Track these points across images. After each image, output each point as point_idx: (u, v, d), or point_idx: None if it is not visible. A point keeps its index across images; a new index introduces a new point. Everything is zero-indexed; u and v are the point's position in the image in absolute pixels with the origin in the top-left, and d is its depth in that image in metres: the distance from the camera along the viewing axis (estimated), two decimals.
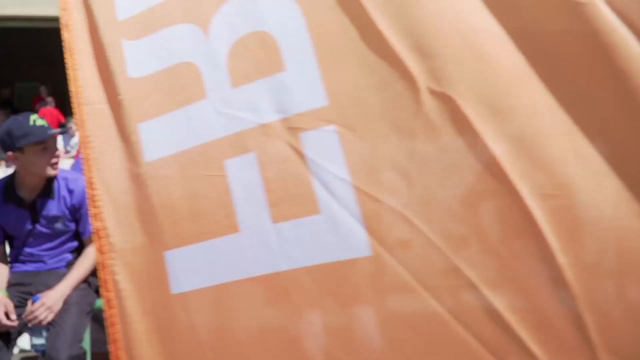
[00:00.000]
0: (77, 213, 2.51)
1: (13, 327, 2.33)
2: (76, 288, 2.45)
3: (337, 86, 1.31)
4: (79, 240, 2.59)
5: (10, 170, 8.41)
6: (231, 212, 1.36)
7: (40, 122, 2.38)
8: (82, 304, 2.45)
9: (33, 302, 2.35)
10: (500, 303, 1.14)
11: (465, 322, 1.16)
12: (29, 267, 2.53)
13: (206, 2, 1.47)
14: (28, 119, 2.37)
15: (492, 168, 1.17)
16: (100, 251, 1.45)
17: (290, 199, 1.32)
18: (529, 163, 1.15)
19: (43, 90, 12.97)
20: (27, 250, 2.52)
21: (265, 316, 1.33)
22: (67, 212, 2.49)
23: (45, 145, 2.39)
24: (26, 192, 2.47)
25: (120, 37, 1.53)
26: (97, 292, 2.62)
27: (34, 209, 2.46)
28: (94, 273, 2.57)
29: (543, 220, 1.12)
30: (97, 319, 2.68)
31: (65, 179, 2.50)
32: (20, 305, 2.40)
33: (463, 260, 1.17)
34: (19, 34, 14.53)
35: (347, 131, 1.29)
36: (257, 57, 1.40)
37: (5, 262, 2.54)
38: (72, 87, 1.54)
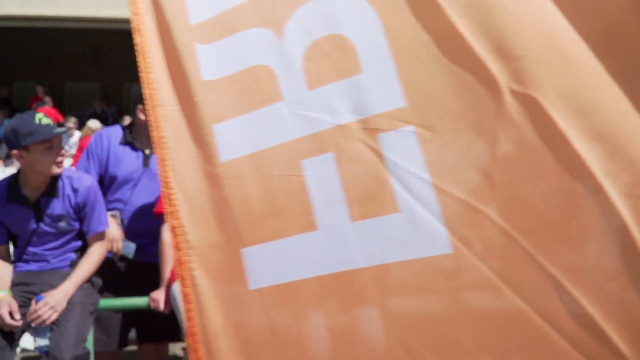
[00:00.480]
0: (81, 212, 2.51)
1: (17, 326, 2.33)
2: (80, 288, 2.46)
3: (415, 88, 1.34)
4: (83, 240, 2.59)
5: (9, 170, 8.40)
6: (309, 211, 1.39)
7: (45, 120, 2.39)
8: (85, 303, 2.46)
9: (37, 302, 2.35)
10: (585, 300, 1.16)
11: (549, 319, 1.18)
12: (33, 266, 2.52)
13: (280, 6, 1.51)
14: (33, 117, 2.37)
15: (578, 167, 1.19)
16: (178, 248, 1.49)
17: (369, 198, 1.35)
18: (615, 163, 1.17)
19: (40, 89, 12.95)
20: (31, 249, 2.51)
21: (341, 312, 1.36)
22: (71, 211, 2.49)
23: (51, 144, 2.39)
24: (30, 191, 2.46)
25: (193, 41, 1.57)
26: (100, 291, 2.63)
27: (38, 208, 2.46)
28: (97, 273, 2.58)
29: (629, 218, 1.14)
30: (99, 319, 2.69)
31: (70, 178, 2.50)
32: (23, 305, 2.40)
33: (547, 258, 1.20)
34: (18, 34, 14.51)
35: (426, 132, 1.31)
36: (333, 59, 1.43)
37: (9, 262, 2.54)
38: (146, 90, 1.57)
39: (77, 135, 9.91)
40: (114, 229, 2.74)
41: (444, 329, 1.27)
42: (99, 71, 17.55)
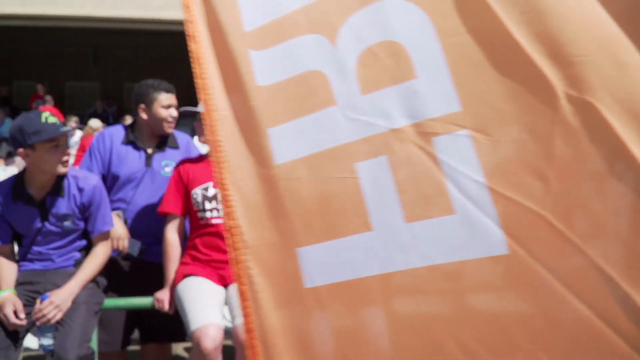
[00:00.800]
0: (87, 211, 2.50)
1: (22, 325, 2.33)
2: (84, 287, 2.45)
3: (470, 92, 1.37)
4: (87, 239, 2.59)
5: (10, 169, 8.37)
6: (364, 212, 1.43)
7: (52, 119, 2.38)
8: (90, 303, 2.45)
9: (42, 301, 2.34)
10: None
11: (608, 320, 1.20)
12: (37, 265, 2.50)
13: (333, 14, 1.54)
14: (40, 116, 2.36)
15: (636, 172, 1.21)
16: (234, 247, 1.54)
17: (424, 200, 1.39)
18: None
19: (40, 88, 12.95)
20: (36, 248, 2.49)
21: (397, 310, 1.40)
22: (76, 210, 2.48)
23: (57, 143, 2.38)
24: (36, 190, 2.45)
25: (247, 48, 1.62)
26: (104, 291, 2.63)
27: (44, 207, 2.44)
28: (101, 272, 2.58)
29: None
30: (103, 319, 2.69)
31: (75, 177, 2.49)
32: (28, 304, 2.38)
33: (603, 258, 1.21)
34: (18, 33, 14.50)
35: (481, 135, 1.35)
36: (386, 65, 1.47)
37: (14, 261, 2.53)
38: (201, 95, 1.62)
39: (78, 134, 9.90)
40: (119, 228, 2.72)
41: (498, 327, 1.30)
42: (99, 71, 17.56)
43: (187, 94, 2.92)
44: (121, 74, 17.22)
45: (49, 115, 2.38)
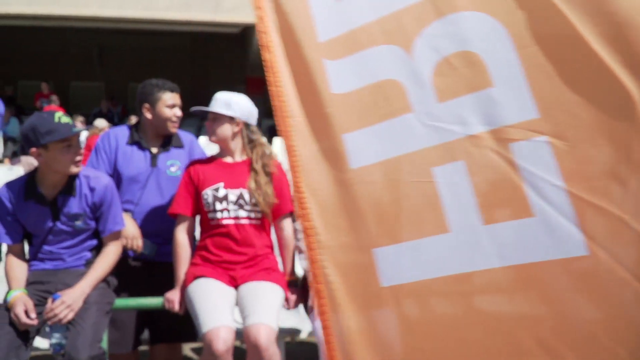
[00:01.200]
0: (98, 211, 2.49)
1: (33, 325, 2.32)
2: (95, 287, 2.45)
3: (547, 100, 1.43)
4: (98, 239, 2.59)
5: (16, 168, 8.38)
6: (440, 215, 1.50)
7: (65, 119, 2.37)
8: (101, 303, 2.44)
9: (53, 301, 2.34)
10: None
11: None
12: (48, 265, 2.49)
13: (408, 25, 1.60)
14: (53, 116, 2.35)
15: None
16: (310, 247, 1.62)
17: (501, 203, 1.46)
18: None
19: (44, 86, 12.97)
20: (47, 248, 2.48)
21: (476, 307, 1.47)
22: (87, 210, 2.47)
23: (69, 143, 2.37)
24: (47, 189, 2.44)
25: (322, 57, 1.69)
26: (115, 291, 2.63)
27: (55, 206, 2.43)
28: (112, 272, 2.58)
29: None
30: (113, 319, 2.68)
31: (87, 177, 2.48)
32: (39, 304, 2.37)
33: None
34: (24, 33, 14.53)
35: (559, 141, 1.41)
36: (463, 74, 1.53)
37: (24, 260, 2.53)
38: (276, 102, 1.68)
39: (84, 134, 9.92)
40: (132, 227, 2.71)
41: (578, 324, 1.35)
42: (104, 71, 17.60)
43: (191, 94, 2.91)
44: (126, 74, 17.23)
45: (62, 115, 2.38)
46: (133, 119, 10.74)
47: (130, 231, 2.70)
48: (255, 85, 15.78)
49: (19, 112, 12.73)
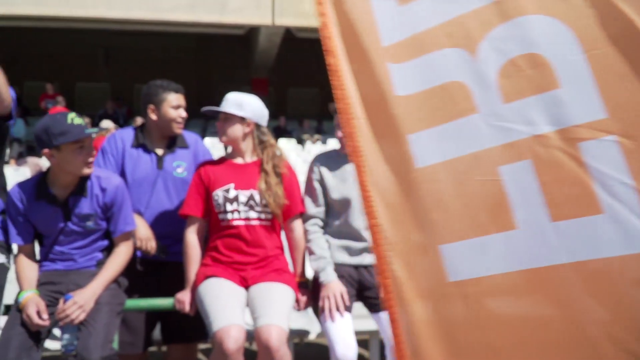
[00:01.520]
0: (109, 212, 2.49)
1: (45, 326, 2.32)
2: (107, 288, 2.45)
3: (616, 100, 1.47)
4: (109, 240, 2.59)
5: (22, 169, 8.38)
6: (507, 212, 1.54)
7: (77, 120, 2.37)
8: (112, 304, 2.44)
9: (65, 301, 2.34)
10: None
11: None
12: (59, 265, 2.49)
13: (473, 29, 1.66)
14: (66, 117, 2.35)
15: None
16: (376, 244, 1.68)
17: (569, 201, 1.49)
18: None
19: (50, 87, 12.98)
20: (58, 248, 2.48)
21: (543, 303, 1.51)
22: (99, 210, 2.47)
23: (82, 144, 2.37)
24: (59, 190, 2.44)
25: (385, 61, 1.75)
26: (126, 292, 2.63)
27: (66, 207, 2.44)
28: (123, 273, 2.58)
29: None
30: (125, 320, 2.68)
31: (98, 178, 2.48)
32: (50, 304, 2.37)
33: None
34: (30, 34, 14.58)
35: (628, 140, 1.44)
36: (528, 76, 1.57)
37: (34, 261, 2.53)
38: (340, 105, 1.75)
39: None
40: (144, 229, 2.72)
41: None
42: (109, 72, 17.66)
43: (196, 95, 2.91)
44: (131, 75, 17.30)
45: (74, 117, 2.38)
46: (139, 120, 10.76)
47: (144, 233, 2.70)
48: (260, 86, 15.85)
49: (25, 113, 12.77)
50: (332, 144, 11.56)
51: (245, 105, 2.64)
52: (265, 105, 2.74)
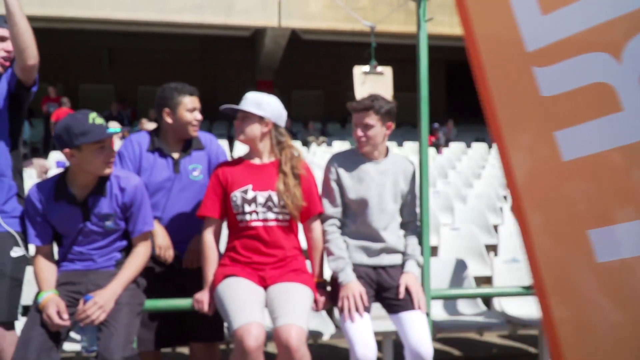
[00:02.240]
0: (128, 211, 2.49)
1: (65, 326, 2.31)
2: (126, 288, 2.45)
3: None
4: (128, 240, 2.58)
5: (28, 171, 8.37)
6: None
7: (99, 120, 2.37)
8: (132, 304, 2.43)
9: (85, 302, 2.33)
10: None
11: None
12: (78, 265, 2.48)
13: (617, 34, 1.82)
14: (87, 117, 2.35)
15: None
16: (523, 230, 1.85)
17: None
18: None
19: (52, 90, 12.93)
20: (77, 248, 2.47)
21: None
22: (118, 210, 2.47)
23: (103, 144, 2.38)
24: (78, 190, 2.44)
25: (530, 65, 1.93)
26: (145, 292, 2.62)
27: (86, 207, 2.44)
28: (141, 273, 2.57)
29: None
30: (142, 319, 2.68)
31: (117, 177, 2.48)
32: (70, 305, 2.36)
33: None
34: (36, 35, 14.56)
35: None
36: None
37: (53, 262, 2.52)
38: (486, 105, 1.94)
39: None
40: (162, 237, 2.71)
41: None
42: (113, 73, 17.68)
43: (200, 97, 2.93)
44: (135, 77, 17.32)
45: (96, 117, 2.37)
46: (144, 122, 10.78)
47: (163, 242, 2.70)
48: (265, 88, 15.85)
49: (29, 114, 12.74)
50: (338, 146, 11.56)
51: (264, 104, 2.63)
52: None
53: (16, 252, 2.44)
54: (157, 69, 17.40)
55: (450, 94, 18.00)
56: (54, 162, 8.99)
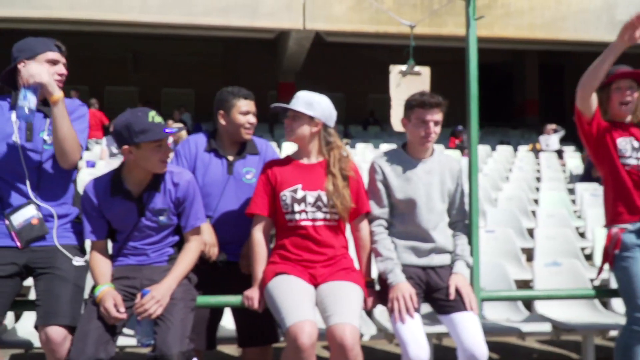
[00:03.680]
0: (181, 206, 2.52)
1: (122, 319, 2.34)
2: (180, 283, 2.47)
3: None
4: (180, 235, 2.61)
5: None
6: None
7: (157, 119, 2.40)
8: (186, 299, 2.45)
9: (142, 296, 2.36)
10: None
11: None
12: (132, 260, 2.51)
13: None
14: (147, 115, 2.38)
15: None
16: None
17: None
18: None
19: (74, 94, 13.06)
20: (131, 244, 2.51)
21: None
22: (171, 205, 2.50)
23: (161, 143, 2.41)
24: (133, 186, 2.48)
25: None
26: (196, 287, 2.64)
27: (141, 202, 2.47)
28: (192, 269, 2.59)
29: None
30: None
31: (171, 173, 2.51)
32: (125, 299, 2.39)
33: None
34: (64, 37, 14.76)
35: None
36: None
37: (108, 257, 2.56)
38: None
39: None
40: (209, 234, 2.73)
41: None
42: (137, 76, 17.87)
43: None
44: (159, 79, 17.49)
45: (155, 115, 2.41)
46: (170, 123, 10.86)
47: (209, 238, 2.72)
48: (287, 90, 15.89)
49: None
50: (361, 148, 11.54)
51: (315, 104, 2.64)
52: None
53: (78, 261, 2.51)
54: (180, 71, 17.58)
55: None
56: (84, 161, 9.08)
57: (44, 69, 2.39)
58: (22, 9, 11.33)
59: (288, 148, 8.74)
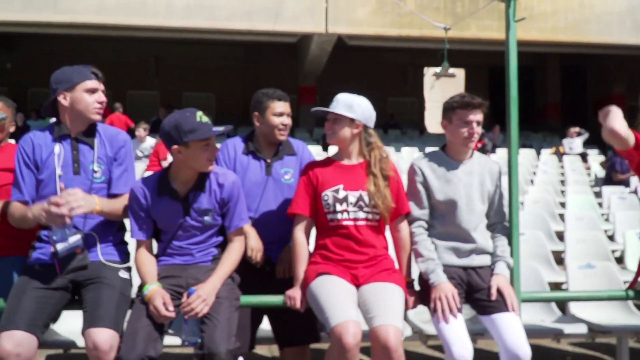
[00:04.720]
0: (225, 207, 2.56)
1: (171, 317, 2.38)
2: (224, 283, 2.51)
3: None
4: (223, 236, 2.65)
5: None
6: None
7: (205, 118, 2.45)
8: (231, 299, 2.49)
9: (189, 295, 2.41)
10: None
11: None
12: (177, 260, 2.56)
13: None
14: (195, 115, 2.43)
15: None
16: None
17: None
18: None
19: None
20: (176, 243, 2.55)
21: None
22: (216, 205, 2.53)
23: (208, 142, 2.46)
24: (180, 185, 2.52)
25: None
26: (238, 287, 2.67)
27: (187, 202, 2.52)
28: (236, 269, 2.62)
29: None
30: None
31: (216, 174, 2.55)
32: (172, 297, 2.43)
33: None
34: (90, 42, 15.02)
35: None
36: None
37: (153, 256, 2.60)
38: None
39: (149, 140, 10.19)
40: (254, 239, 2.76)
41: None
42: (159, 80, 18.05)
43: (243, 103, 2.99)
44: (181, 83, 17.64)
45: (202, 114, 2.45)
46: None
47: (255, 244, 2.74)
48: (308, 94, 15.94)
49: None
50: None
51: (355, 106, 2.67)
52: (311, 114, 2.76)
53: (124, 274, 2.58)
54: (201, 75, 17.71)
55: (493, 99, 17.79)
56: None
57: (78, 195, 2.38)
58: (48, 14, 11.53)
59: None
